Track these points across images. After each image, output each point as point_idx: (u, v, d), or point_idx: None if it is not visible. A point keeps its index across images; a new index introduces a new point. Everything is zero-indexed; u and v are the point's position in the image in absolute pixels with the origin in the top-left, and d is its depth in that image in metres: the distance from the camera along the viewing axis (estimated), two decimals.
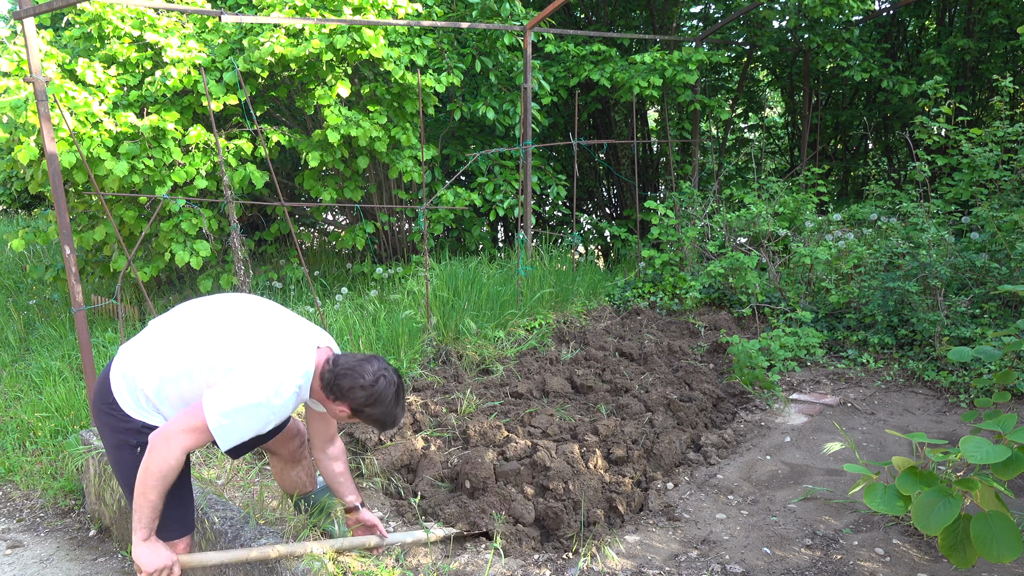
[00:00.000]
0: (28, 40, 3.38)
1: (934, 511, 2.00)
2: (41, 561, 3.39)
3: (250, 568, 2.64)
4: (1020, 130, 5.15)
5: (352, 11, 5.62)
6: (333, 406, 2.33)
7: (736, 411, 4.15)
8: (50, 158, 3.48)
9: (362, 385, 2.26)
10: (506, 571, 2.61)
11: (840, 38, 7.24)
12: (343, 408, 2.31)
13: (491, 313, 5.17)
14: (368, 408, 2.29)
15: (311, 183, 6.20)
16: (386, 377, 2.30)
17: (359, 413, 2.31)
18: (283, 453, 2.73)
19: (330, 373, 2.28)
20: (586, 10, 9.09)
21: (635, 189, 7.60)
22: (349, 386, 2.26)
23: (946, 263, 4.84)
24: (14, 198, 9.47)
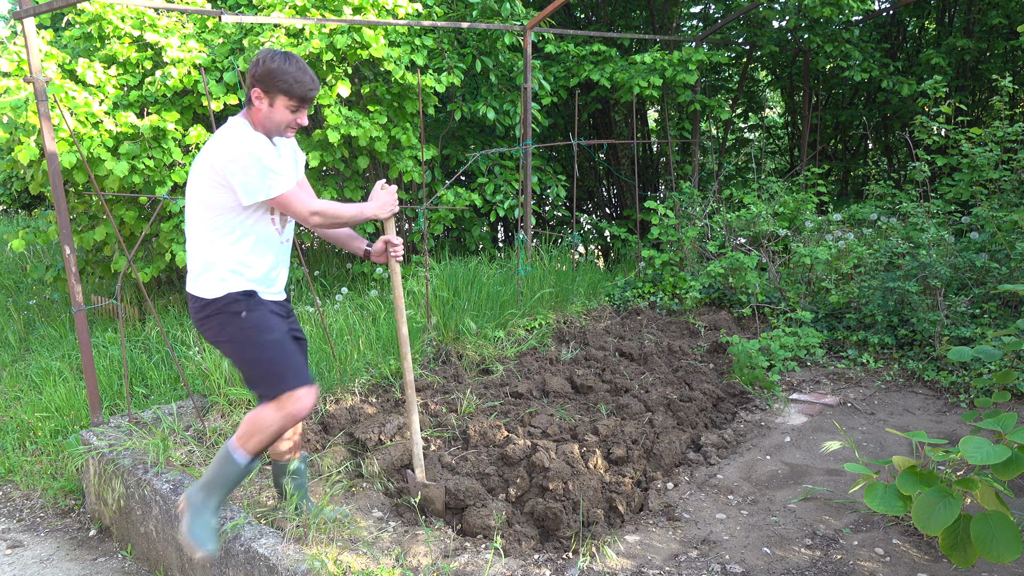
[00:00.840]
0: (28, 40, 3.38)
1: (934, 511, 2.00)
2: (41, 561, 3.39)
3: (250, 568, 2.64)
4: (1020, 130, 5.15)
5: (352, 11, 5.62)
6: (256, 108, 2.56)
7: (736, 411, 4.15)
8: (50, 158, 3.48)
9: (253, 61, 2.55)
10: (506, 571, 2.61)
11: (840, 38, 7.24)
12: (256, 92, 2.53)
13: (491, 313, 5.17)
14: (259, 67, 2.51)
15: (311, 183, 6.20)
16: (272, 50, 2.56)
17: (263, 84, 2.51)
18: None
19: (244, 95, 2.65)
20: (586, 10, 9.10)
21: (635, 189, 7.60)
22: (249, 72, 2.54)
23: (946, 263, 4.85)
24: (14, 198, 9.47)
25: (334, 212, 2.61)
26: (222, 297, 2.58)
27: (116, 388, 4.51)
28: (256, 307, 2.61)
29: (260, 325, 2.59)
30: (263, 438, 2.57)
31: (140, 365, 4.78)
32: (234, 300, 2.58)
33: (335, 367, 4.19)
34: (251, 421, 2.59)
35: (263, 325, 2.60)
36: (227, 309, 2.58)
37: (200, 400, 4.00)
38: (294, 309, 3.33)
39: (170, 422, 3.68)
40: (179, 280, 7.09)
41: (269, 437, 2.58)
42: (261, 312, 2.62)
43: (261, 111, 2.56)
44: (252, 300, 2.61)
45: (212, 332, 2.62)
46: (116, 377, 4.59)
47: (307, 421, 3.76)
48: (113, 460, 3.39)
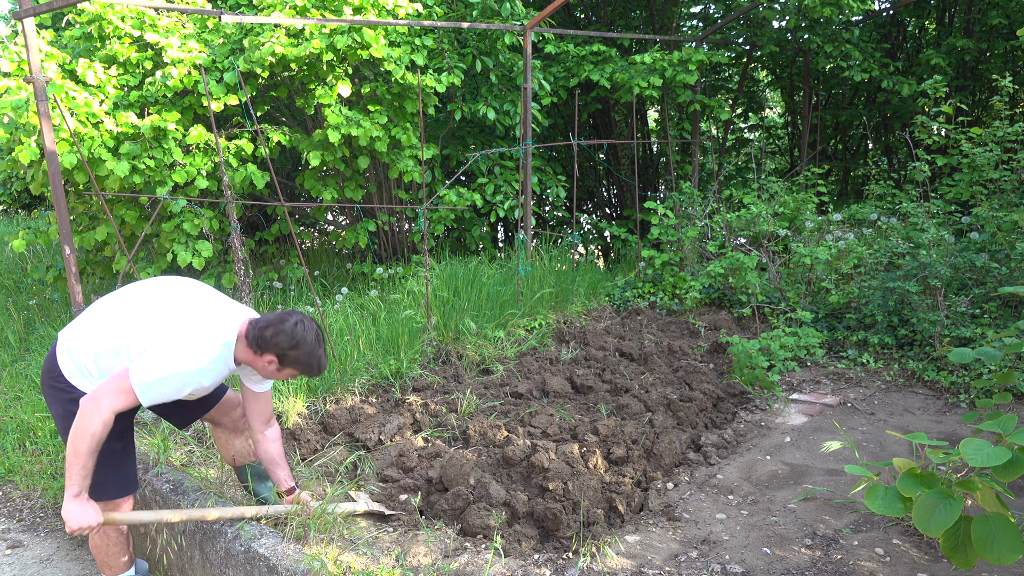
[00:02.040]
0: (28, 40, 3.38)
1: (935, 513, 2.00)
2: (41, 561, 3.39)
3: (250, 568, 2.64)
4: (1020, 130, 5.15)
5: (352, 11, 5.62)
6: (261, 361, 2.48)
7: (736, 411, 4.15)
8: (50, 157, 3.48)
9: (283, 331, 2.44)
10: (506, 571, 2.61)
11: (840, 38, 7.24)
12: (271, 358, 2.47)
13: (491, 313, 5.17)
14: (292, 351, 2.45)
15: (312, 183, 6.20)
16: (303, 323, 2.48)
17: (284, 359, 2.47)
18: (226, 423, 2.91)
19: (254, 330, 2.46)
20: (586, 10, 9.09)
21: (635, 189, 7.60)
22: (272, 334, 2.44)
23: (946, 263, 4.84)
24: (14, 198, 9.46)
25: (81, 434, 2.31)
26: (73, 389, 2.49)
27: None
28: None
29: None
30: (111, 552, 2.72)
31: None
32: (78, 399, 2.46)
33: (335, 367, 4.19)
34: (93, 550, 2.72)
35: None
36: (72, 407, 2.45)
37: None
38: (295, 309, 3.32)
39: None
40: None
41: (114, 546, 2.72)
42: None
43: (260, 365, 2.50)
44: None
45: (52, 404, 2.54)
46: None
47: (307, 421, 3.76)
48: None
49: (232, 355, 2.48)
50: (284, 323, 2.45)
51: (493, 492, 3.04)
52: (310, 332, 2.48)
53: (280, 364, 2.49)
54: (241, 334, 2.49)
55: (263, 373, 2.55)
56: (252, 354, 2.48)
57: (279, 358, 2.47)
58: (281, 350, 2.45)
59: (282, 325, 2.44)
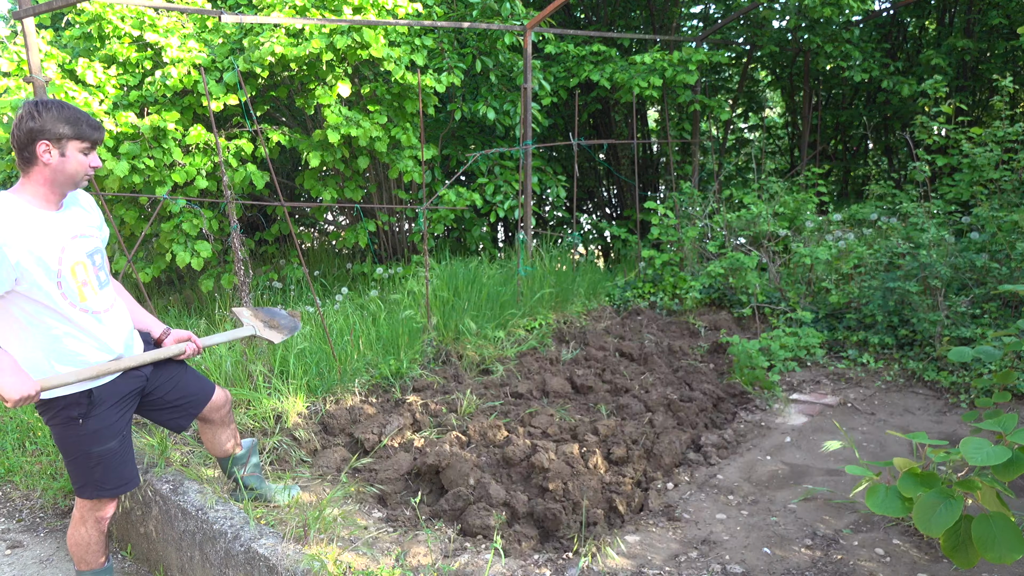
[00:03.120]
0: (28, 40, 3.38)
1: (936, 513, 2.00)
2: (41, 561, 3.39)
3: (250, 568, 2.64)
4: (1020, 130, 5.15)
5: (352, 11, 5.62)
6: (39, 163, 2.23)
7: (736, 411, 4.14)
8: None
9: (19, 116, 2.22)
10: (506, 571, 2.61)
11: (840, 38, 7.24)
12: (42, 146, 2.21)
13: (491, 313, 5.16)
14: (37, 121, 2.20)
15: (311, 183, 6.20)
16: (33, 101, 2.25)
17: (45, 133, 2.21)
18: (215, 419, 2.89)
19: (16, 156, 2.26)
20: (586, 10, 9.09)
21: (635, 189, 7.60)
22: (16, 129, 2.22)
23: (946, 263, 4.84)
24: None
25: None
26: (57, 399, 2.35)
27: None
28: (92, 414, 2.41)
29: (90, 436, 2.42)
30: (91, 549, 2.64)
31: None
32: (68, 404, 2.37)
33: (335, 367, 4.19)
34: (72, 547, 2.64)
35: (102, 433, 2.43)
36: (62, 415, 2.37)
37: None
38: (295, 309, 3.31)
39: None
40: (179, 280, 7.10)
41: (94, 545, 2.65)
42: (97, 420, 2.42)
43: (50, 164, 2.24)
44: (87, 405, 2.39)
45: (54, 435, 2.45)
46: None
47: (307, 421, 3.76)
48: None
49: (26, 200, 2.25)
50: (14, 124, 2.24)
51: (493, 492, 3.04)
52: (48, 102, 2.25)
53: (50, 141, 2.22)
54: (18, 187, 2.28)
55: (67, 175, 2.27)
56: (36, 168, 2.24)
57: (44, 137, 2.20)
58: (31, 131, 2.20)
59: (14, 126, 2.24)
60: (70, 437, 2.41)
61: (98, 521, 2.62)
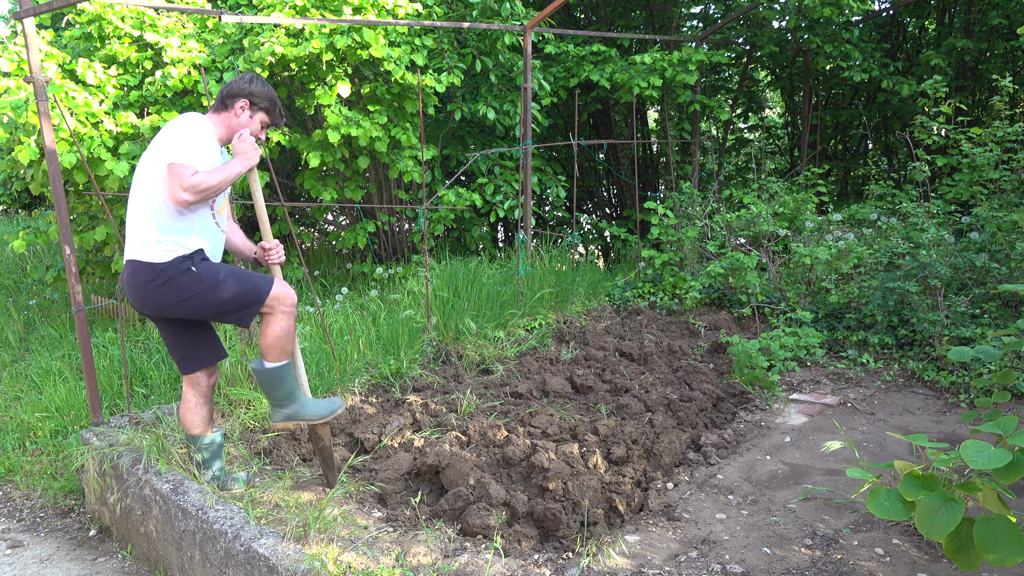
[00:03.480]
0: (28, 40, 3.38)
1: (938, 516, 2.00)
2: (41, 561, 3.39)
3: (250, 568, 2.64)
4: (1020, 130, 5.15)
5: (352, 11, 5.62)
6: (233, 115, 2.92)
7: (736, 411, 4.15)
8: (50, 156, 3.48)
9: (237, 80, 2.93)
10: (506, 571, 2.61)
11: (840, 38, 7.24)
12: (242, 103, 2.90)
13: (491, 313, 5.16)
14: (251, 86, 2.91)
15: (311, 183, 6.20)
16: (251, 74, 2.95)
17: (252, 96, 2.91)
18: (204, 387, 3.11)
19: (216, 101, 2.95)
20: (586, 10, 9.09)
21: (635, 189, 7.60)
22: (229, 84, 2.92)
23: (946, 263, 4.85)
24: (14, 198, 9.47)
25: (205, 183, 2.69)
26: (172, 261, 2.76)
27: (116, 388, 4.50)
28: (201, 261, 2.84)
29: (211, 271, 2.83)
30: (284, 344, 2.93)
31: (140, 365, 4.78)
32: (182, 261, 2.78)
33: (335, 367, 4.19)
34: (265, 339, 2.91)
35: (213, 269, 2.84)
36: (179, 270, 2.77)
37: None
38: None
39: (170, 422, 3.68)
40: None
41: (287, 339, 2.93)
42: (207, 263, 2.85)
43: (238, 118, 2.92)
44: (197, 256, 2.83)
45: (171, 295, 2.78)
46: (116, 377, 4.59)
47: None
48: (113, 460, 3.39)
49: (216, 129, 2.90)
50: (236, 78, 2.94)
51: (493, 492, 3.04)
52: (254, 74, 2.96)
53: (251, 106, 2.91)
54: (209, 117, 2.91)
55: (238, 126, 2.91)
56: (227, 115, 2.91)
57: (248, 99, 2.90)
58: (244, 90, 2.89)
59: (234, 80, 2.94)
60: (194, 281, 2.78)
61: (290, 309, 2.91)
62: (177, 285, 2.77)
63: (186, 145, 2.70)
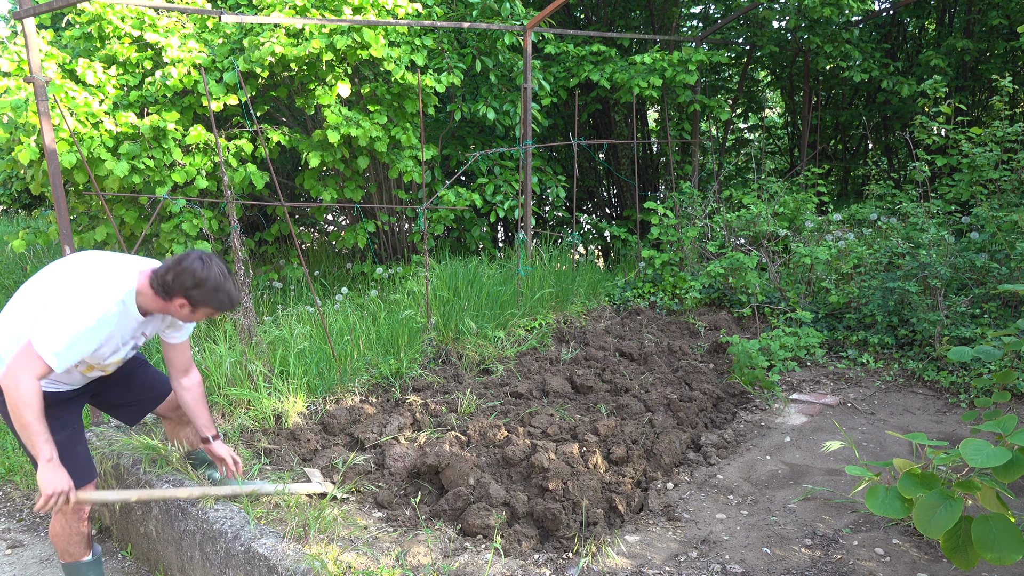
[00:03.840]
0: (28, 39, 3.38)
1: (936, 514, 2.00)
2: (41, 561, 3.39)
3: (250, 568, 2.64)
4: (1020, 130, 5.15)
5: (352, 11, 5.62)
6: (173, 306, 2.49)
7: (736, 411, 4.15)
8: (50, 156, 3.48)
9: (184, 271, 2.42)
10: (506, 571, 2.61)
11: (840, 38, 7.24)
12: (181, 301, 2.47)
13: (491, 313, 5.16)
14: (196, 290, 2.43)
15: (311, 183, 6.20)
16: (203, 259, 2.45)
17: (192, 299, 2.46)
18: (173, 417, 3.12)
19: (156, 278, 2.46)
20: (586, 10, 9.09)
21: (635, 189, 7.60)
22: (173, 277, 2.43)
23: (946, 263, 4.85)
24: (14, 198, 9.47)
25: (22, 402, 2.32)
26: None
27: None
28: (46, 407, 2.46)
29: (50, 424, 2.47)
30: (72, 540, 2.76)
31: None
32: None
33: (335, 367, 4.19)
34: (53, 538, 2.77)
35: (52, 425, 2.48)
36: None
37: None
38: (295, 309, 3.37)
39: None
40: None
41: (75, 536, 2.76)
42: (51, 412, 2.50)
43: (174, 310, 2.50)
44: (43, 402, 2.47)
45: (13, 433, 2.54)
46: None
47: (307, 421, 3.76)
48: (113, 460, 3.39)
49: (135, 305, 2.48)
50: (182, 263, 2.43)
51: (493, 492, 3.04)
52: (212, 267, 2.44)
53: (192, 305, 2.48)
54: (143, 285, 2.49)
55: (180, 317, 2.54)
56: (162, 301, 2.48)
57: (188, 300, 2.46)
58: (186, 291, 2.43)
59: (180, 266, 2.42)
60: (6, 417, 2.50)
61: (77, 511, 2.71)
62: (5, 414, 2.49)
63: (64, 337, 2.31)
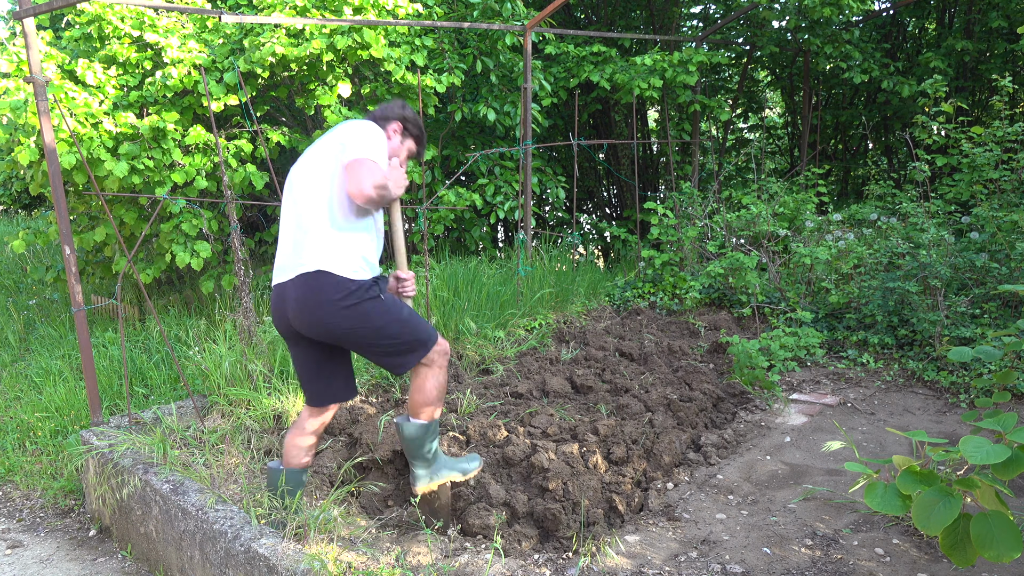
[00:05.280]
0: (28, 39, 3.39)
1: (934, 511, 2.00)
2: (41, 561, 3.39)
3: (250, 568, 2.64)
4: (1020, 130, 5.16)
5: (353, 11, 5.62)
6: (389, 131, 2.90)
7: (736, 411, 4.14)
8: (50, 155, 3.48)
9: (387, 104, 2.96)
10: (506, 571, 2.61)
11: (840, 39, 7.24)
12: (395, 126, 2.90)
13: (491, 313, 5.17)
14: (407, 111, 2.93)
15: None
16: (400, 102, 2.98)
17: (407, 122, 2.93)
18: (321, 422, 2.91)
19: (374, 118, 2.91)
20: (586, 10, 9.10)
21: (635, 189, 7.60)
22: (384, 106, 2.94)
23: (946, 263, 4.85)
24: (14, 199, 9.47)
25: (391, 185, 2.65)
26: (364, 283, 2.62)
27: (116, 388, 4.50)
28: (385, 291, 2.72)
29: (396, 304, 2.72)
30: (439, 401, 2.82)
31: (140, 365, 4.78)
32: (371, 285, 2.65)
33: None
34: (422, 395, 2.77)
35: (397, 304, 2.73)
36: (368, 295, 2.61)
37: (200, 400, 4.00)
38: None
39: (170, 422, 3.68)
40: (179, 280, 7.10)
41: (442, 396, 2.82)
42: (387, 297, 2.72)
43: (390, 140, 2.86)
44: (384, 283, 2.76)
45: (351, 321, 2.59)
46: (116, 377, 4.59)
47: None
48: (113, 460, 3.39)
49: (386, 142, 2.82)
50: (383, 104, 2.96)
51: (493, 492, 3.04)
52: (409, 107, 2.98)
53: (403, 131, 2.92)
54: None
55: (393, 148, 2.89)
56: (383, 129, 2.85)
57: (402, 123, 2.90)
58: (397, 113, 2.90)
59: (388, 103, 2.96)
60: (382, 311, 2.63)
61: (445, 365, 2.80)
62: (362, 311, 2.59)
63: (374, 146, 2.63)
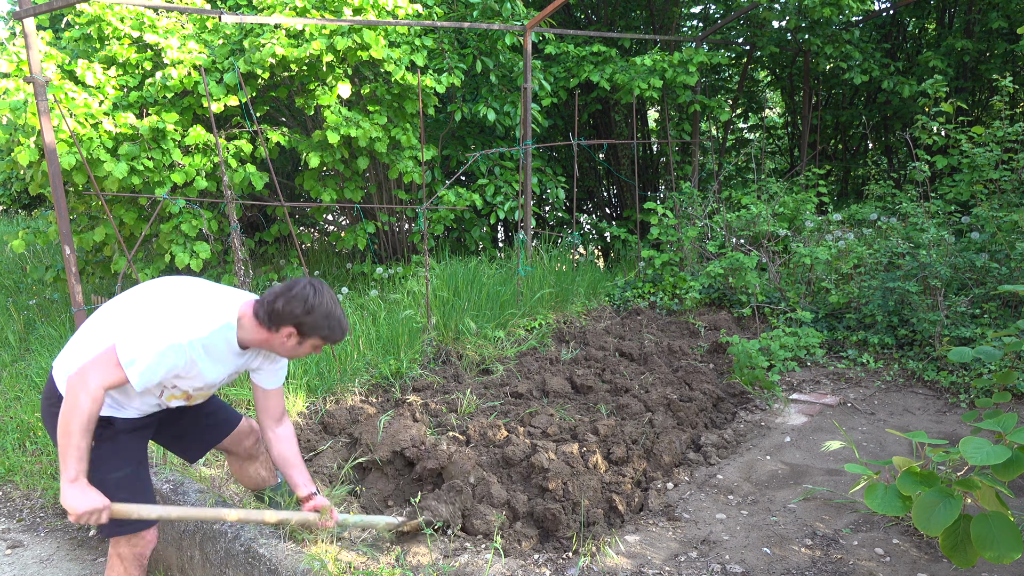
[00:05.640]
0: (28, 39, 3.39)
1: (935, 512, 2.00)
2: (41, 561, 3.39)
3: (250, 568, 2.64)
4: (1020, 130, 5.15)
5: (352, 12, 5.62)
6: (279, 337, 2.30)
7: (736, 411, 4.14)
8: (50, 155, 3.49)
9: (294, 297, 2.24)
10: (506, 571, 2.61)
11: (840, 39, 7.24)
12: (288, 331, 2.27)
13: (491, 313, 5.17)
14: (308, 317, 2.25)
15: (311, 183, 6.20)
16: (313, 286, 2.29)
17: (303, 327, 2.27)
18: (239, 452, 2.79)
19: (263, 307, 2.27)
20: (586, 10, 9.10)
21: (635, 189, 7.60)
22: (283, 304, 2.24)
23: (946, 263, 4.85)
24: (14, 199, 9.47)
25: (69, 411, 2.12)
26: None
27: None
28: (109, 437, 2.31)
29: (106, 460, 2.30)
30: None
31: None
32: None
33: (335, 367, 4.19)
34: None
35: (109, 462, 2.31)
36: None
37: None
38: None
39: None
40: None
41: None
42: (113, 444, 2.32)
43: (279, 342, 2.32)
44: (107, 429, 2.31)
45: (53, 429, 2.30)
46: None
47: (307, 420, 3.76)
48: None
49: (235, 338, 2.30)
50: (292, 290, 2.25)
51: (493, 492, 3.04)
52: (324, 294, 2.28)
53: (300, 335, 2.29)
54: (245, 315, 2.30)
55: (283, 352, 2.36)
56: (267, 332, 2.29)
57: (297, 328, 2.26)
58: (297, 318, 2.24)
59: (291, 292, 2.25)
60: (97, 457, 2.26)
61: (138, 559, 2.43)
62: None
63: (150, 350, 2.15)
